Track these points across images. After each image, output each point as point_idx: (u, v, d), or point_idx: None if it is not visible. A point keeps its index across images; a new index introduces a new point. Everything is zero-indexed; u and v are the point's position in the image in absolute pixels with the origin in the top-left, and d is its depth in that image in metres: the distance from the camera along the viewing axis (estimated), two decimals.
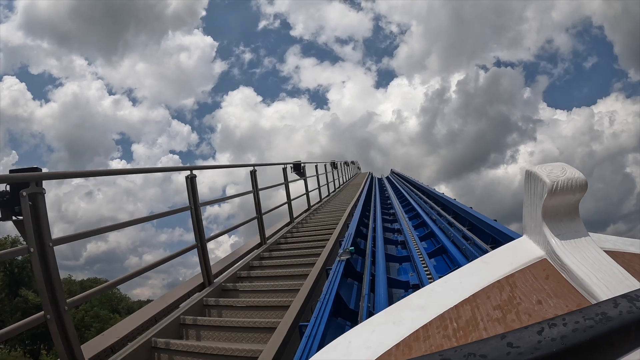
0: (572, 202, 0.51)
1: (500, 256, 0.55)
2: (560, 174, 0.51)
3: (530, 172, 0.53)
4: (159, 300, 2.70)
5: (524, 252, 0.53)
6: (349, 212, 5.53)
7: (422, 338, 0.43)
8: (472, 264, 0.56)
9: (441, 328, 0.44)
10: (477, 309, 0.45)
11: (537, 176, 0.52)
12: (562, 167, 0.52)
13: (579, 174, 0.51)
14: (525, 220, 0.57)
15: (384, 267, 2.40)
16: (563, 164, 0.53)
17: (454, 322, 0.44)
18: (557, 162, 0.53)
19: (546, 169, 0.52)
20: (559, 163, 0.53)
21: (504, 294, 0.47)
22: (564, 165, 0.52)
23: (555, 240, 0.50)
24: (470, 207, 3.51)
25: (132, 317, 2.44)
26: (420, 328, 0.44)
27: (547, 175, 0.51)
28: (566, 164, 0.53)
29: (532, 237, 0.55)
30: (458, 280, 0.52)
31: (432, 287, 0.53)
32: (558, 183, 0.50)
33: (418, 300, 0.50)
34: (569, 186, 0.50)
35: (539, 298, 0.45)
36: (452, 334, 0.43)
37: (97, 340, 2.07)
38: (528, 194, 0.54)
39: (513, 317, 0.43)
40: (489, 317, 0.44)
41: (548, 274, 0.49)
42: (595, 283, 0.43)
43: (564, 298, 0.45)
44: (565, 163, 0.53)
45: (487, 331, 0.42)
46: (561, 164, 0.53)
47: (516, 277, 0.49)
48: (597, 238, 0.53)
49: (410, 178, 9.88)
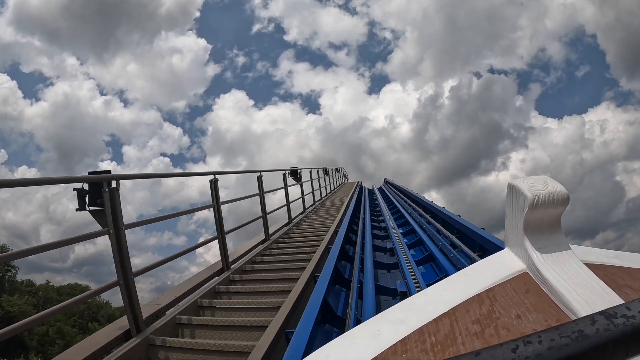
0: (553, 216, 0.52)
1: (481, 269, 0.55)
2: (542, 188, 0.51)
3: (512, 185, 0.53)
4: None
5: (505, 265, 0.54)
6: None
7: (400, 352, 0.43)
8: (454, 276, 0.56)
9: (419, 342, 0.44)
10: (456, 323, 0.45)
11: (518, 189, 0.52)
12: (544, 180, 0.52)
13: (560, 187, 0.51)
14: (507, 233, 0.57)
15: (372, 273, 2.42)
16: (545, 177, 0.53)
17: (432, 336, 0.44)
18: (540, 175, 0.53)
19: (528, 182, 0.52)
20: (542, 176, 0.53)
21: (483, 308, 0.47)
22: (546, 179, 0.52)
23: (536, 254, 0.50)
24: (482, 229, 2.97)
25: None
26: (399, 342, 0.44)
27: (528, 189, 0.51)
28: (549, 177, 0.53)
29: (513, 249, 0.55)
30: (439, 293, 0.52)
31: (412, 300, 0.53)
32: (539, 197, 0.50)
33: (398, 314, 0.50)
34: (550, 200, 0.50)
35: (519, 312, 0.45)
36: (429, 348, 0.42)
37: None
38: (510, 207, 0.55)
39: (492, 331, 0.43)
40: (467, 332, 0.44)
41: (528, 287, 0.49)
42: (575, 298, 0.43)
43: (543, 313, 0.44)
44: (547, 176, 0.53)
45: (464, 346, 0.42)
46: (543, 177, 0.53)
47: (496, 291, 0.49)
48: (580, 251, 0.53)
49: (411, 192, 7.57)
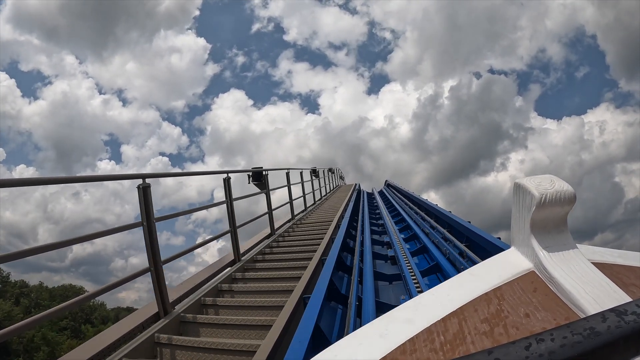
0: (560, 215, 0.52)
1: (488, 268, 0.55)
2: (548, 187, 0.51)
3: (519, 184, 0.54)
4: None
5: (511, 264, 0.54)
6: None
7: (409, 352, 0.43)
8: (460, 275, 0.56)
9: (428, 341, 0.43)
10: (465, 322, 0.45)
11: (525, 188, 0.52)
12: (551, 179, 0.52)
13: (567, 186, 0.51)
14: (513, 232, 0.57)
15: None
16: (552, 176, 0.53)
17: (441, 335, 0.44)
18: (546, 174, 0.53)
19: (534, 181, 0.52)
20: (548, 175, 0.53)
21: (491, 307, 0.47)
22: (552, 178, 0.53)
23: (544, 253, 0.50)
24: (499, 238, 2.67)
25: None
26: (407, 341, 0.44)
27: (535, 187, 0.51)
28: (555, 176, 0.53)
29: (520, 249, 0.55)
30: (446, 292, 0.52)
31: (419, 299, 0.53)
32: (546, 196, 0.50)
33: (405, 313, 0.49)
34: (557, 199, 0.50)
35: (527, 311, 0.45)
36: (439, 348, 0.42)
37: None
38: (516, 206, 0.55)
39: (501, 330, 0.43)
40: (476, 331, 0.44)
41: (536, 286, 0.49)
42: (584, 296, 0.44)
43: (552, 311, 0.45)
44: (553, 175, 0.53)
45: (474, 345, 0.42)
46: (550, 176, 0.53)
47: (504, 290, 0.49)
48: (586, 250, 0.53)
49: (419, 198, 6.17)
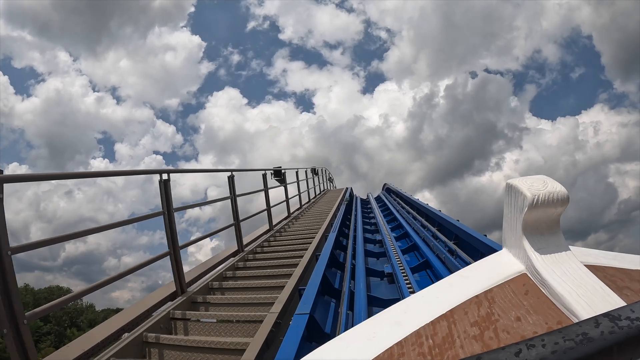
0: (553, 216, 0.51)
1: (478, 270, 0.55)
2: (541, 187, 0.50)
3: (511, 184, 0.53)
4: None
5: (503, 266, 0.53)
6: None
7: (397, 355, 0.42)
8: (450, 277, 0.55)
9: (416, 345, 0.42)
10: (454, 325, 0.44)
11: (517, 189, 0.51)
12: (544, 180, 0.52)
13: (560, 187, 0.50)
14: (505, 234, 0.56)
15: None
16: (544, 177, 0.52)
17: (429, 338, 0.43)
18: (539, 175, 0.53)
19: (527, 181, 0.52)
20: (541, 176, 0.53)
21: (482, 310, 0.46)
22: (545, 179, 0.52)
23: (536, 255, 0.50)
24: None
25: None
26: (395, 345, 0.43)
27: (527, 188, 0.50)
28: (548, 177, 0.52)
29: (511, 250, 0.54)
30: (435, 294, 0.51)
31: (408, 301, 0.52)
32: (539, 197, 0.49)
33: (393, 315, 0.49)
34: (550, 200, 0.49)
35: (518, 314, 0.44)
36: (427, 352, 0.41)
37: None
38: (508, 207, 0.54)
39: (491, 334, 0.42)
40: (466, 334, 0.43)
41: (528, 289, 0.48)
42: (576, 300, 0.43)
43: (543, 315, 0.44)
44: (546, 176, 0.53)
45: (463, 349, 0.41)
46: (542, 177, 0.52)
47: (495, 292, 0.48)
48: (579, 252, 0.52)
49: (435, 211, 4.55)
